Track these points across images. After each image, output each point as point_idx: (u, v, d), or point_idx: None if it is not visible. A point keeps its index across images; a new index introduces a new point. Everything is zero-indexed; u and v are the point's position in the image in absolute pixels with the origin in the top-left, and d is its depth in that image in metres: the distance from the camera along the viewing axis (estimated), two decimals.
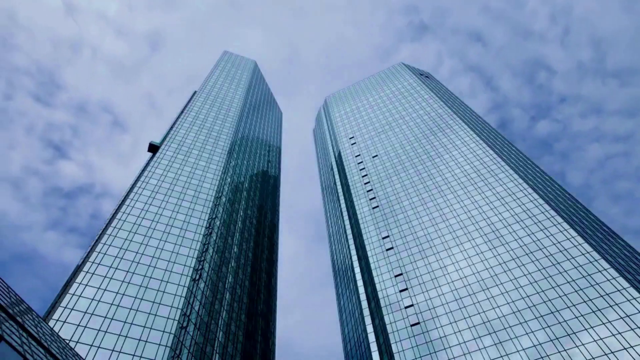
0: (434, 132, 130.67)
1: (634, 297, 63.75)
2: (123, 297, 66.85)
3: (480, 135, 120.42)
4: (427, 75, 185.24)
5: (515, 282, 75.28)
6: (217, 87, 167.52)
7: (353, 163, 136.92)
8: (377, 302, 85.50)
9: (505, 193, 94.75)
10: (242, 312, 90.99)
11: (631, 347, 58.11)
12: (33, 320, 32.95)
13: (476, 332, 70.85)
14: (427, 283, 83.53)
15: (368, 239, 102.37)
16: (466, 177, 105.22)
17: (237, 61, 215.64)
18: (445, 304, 77.77)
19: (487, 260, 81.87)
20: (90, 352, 56.63)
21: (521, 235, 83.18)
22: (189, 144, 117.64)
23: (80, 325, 59.61)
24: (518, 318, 69.53)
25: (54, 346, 32.84)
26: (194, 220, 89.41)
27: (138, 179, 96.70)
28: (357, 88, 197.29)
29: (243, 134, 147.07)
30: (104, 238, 76.35)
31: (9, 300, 30.79)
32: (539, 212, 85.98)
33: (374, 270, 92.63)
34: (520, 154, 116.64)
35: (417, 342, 73.73)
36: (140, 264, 74.09)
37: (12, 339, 24.18)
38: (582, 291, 68.38)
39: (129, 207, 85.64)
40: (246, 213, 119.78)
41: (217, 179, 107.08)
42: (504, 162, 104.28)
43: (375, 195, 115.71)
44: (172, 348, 62.00)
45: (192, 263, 78.56)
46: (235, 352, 79.73)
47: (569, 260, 74.05)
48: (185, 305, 69.95)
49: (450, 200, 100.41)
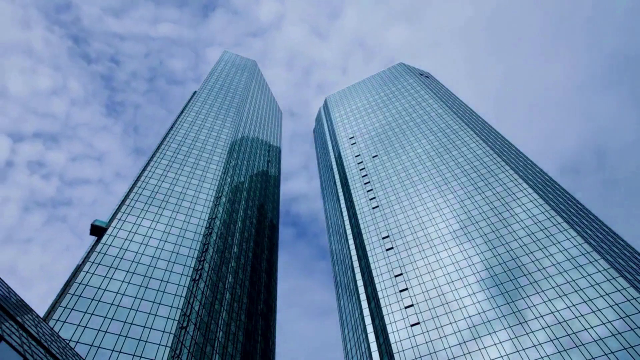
0: (434, 132, 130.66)
1: (634, 297, 63.76)
2: (123, 297, 66.86)
3: (480, 136, 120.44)
4: (427, 75, 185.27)
5: (515, 282, 75.29)
6: (217, 87, 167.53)
7: (353, 163, 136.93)
8: (377, 302, 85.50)
9: (505, 193, 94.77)
10: (242, 312, 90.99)
11: (631, 347, 58.15)
12: (33, 320, 32.95)
13: (476, 332, 70.86)
14: (427, 283, 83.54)
15: (368, 239, 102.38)
16: (466, 177, 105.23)
17: (237, 61, 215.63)
18: (445, 304, 77.77)
19: (487, 260, 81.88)
20: (90, 352, 56.64)
21: (521, 235, 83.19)
22: (189, 144, 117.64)
23: (80, 325, 59.62)
24: (518, 318, 69.56)
25: (54, 346, 32.84)
26: (194, 220, 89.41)
27: (138, 179, 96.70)
28: (357, 88, 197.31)
29: (243, 134, 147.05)
30: (104, 238, 76.34)
31: (9, 300, 30.80)
32: (539, 212, 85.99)
33: (374, 270, 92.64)
34: (520, 154, 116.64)
35: (417, 342, 73.74)
36: (140, 264, 74.10)
37: (12, 339, 24.18)
38: (582, 291, 68.40)
39: (129, 207, 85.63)
40: (246, 213, 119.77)
41: (217, 179, 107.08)
42: (504, 162, 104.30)
43: (375, 195, 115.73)
44: (172, 348, 62.01)
45: (192, 263, 78.55)
46: (235, 352, 79.73)
47: (569, 260, 74.07)
48: (185, 305, 69.95)
49: (450, 200, 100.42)
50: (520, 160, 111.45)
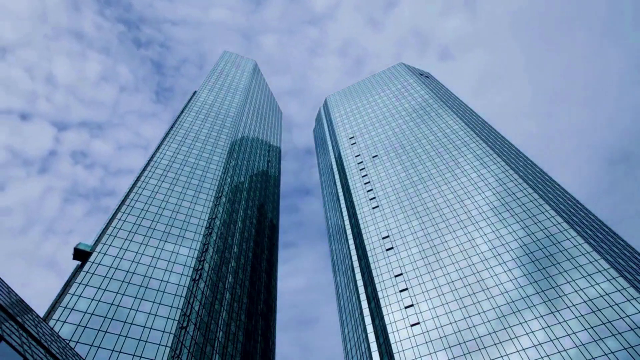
0: (434, 132, 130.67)
1: (634, 297, 63.76)
2: (123, 297, 66.85)
3: (480, 136, 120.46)
4: (427, 75, 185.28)
5: (515, 282, 75.31)
6: (217, 87, 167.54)
7: (353, 163, 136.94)
8: (377, 302, 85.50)
9: (505, 193, 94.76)
10: (242, 312, 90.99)
11: (631, 347, 58.16)
12: (33, 320, 32.94)
13: (476, 332, 70.87)
14: (427, 283, 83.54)
15: (368, 239, 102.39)
16: (466, 177, 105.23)
17: (237, 61, 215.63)
18: (446, 304, 77.78)
19: (487, 260, 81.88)
20: (90, 352, 56.64)
21: (521, 235, 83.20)
22: (189, 144, 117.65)
23: (80, 325, 59.61)
24: (518, 318, 69.58)
25: (54, 346, 32.83)
26: (194, 220, 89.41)
27: (138, 179, 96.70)
28: (357, 88, 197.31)
29: (243, 134, 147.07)
30: (104, 238, 76.36)
31: (9, 300, 30.79)
32: (539, 212, 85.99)
33: (374, 270, 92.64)
34: (520, 154, 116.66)
35: (417, 342, 73.74)
36: (140, 264, 74.09)
37: (12, 339, 24.18)
38: (582, 291, 68.41)
39: (129, 207, 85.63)
40: (246, 213, 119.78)
41: (217, 179, 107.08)
42: (504, 162, 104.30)
43: (375, 195, 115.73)
44: (172, 348, 62.00)
45: (192, 263, 78.56)
46: (235, 352, 79.73)
47: (569, 260, 74.08)
48: (185, 305, 69.95)
49: (450, 200, 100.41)
50: (521, 160, 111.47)
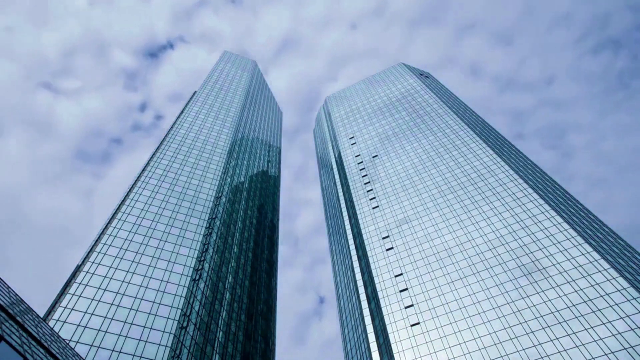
0: (434, 132, 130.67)
1: (634, 297, 63.75)
2: (123, 297, 66.85)
3: (480, 136, 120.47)
4: (427, 75, 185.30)
5: (515, 282, 75.28)
6: (217, 87, 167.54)
7: (353, 163, 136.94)
8: (377, 302, 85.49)
9: (505, 193, 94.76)
10: (242, 312, 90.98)
11: (631, 347, 58.14)
12: (33, 320, 32.94)
13: (476, 332, 70.84)
14: (427, 283, 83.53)
15: (368, 239, 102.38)
16: (466, 177, 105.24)
17: (237, 61, 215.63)
18: (446, 304, 77.76)
19: (487, 260, 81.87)
20: (90, 352, 56.63)
21: (521, 235, 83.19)
22: (189, 144, 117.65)
23: (80, 325, 59.61)
24: (518, 318, 69.54)
25: (54, 346, 32.83)
26: (194, 220, 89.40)
27: (138, 179, 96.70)
28: (357, 88, 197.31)
29: (243, 134, 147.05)
30: (104, 238, 76.35)
31: (9, 300, 30.78)
32: (539, 212, 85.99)
33: (374, 270, 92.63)
34: (520, 154, 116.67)
35: (417, 342, 73.72)
36: (140, 264, 74.10)
37: (12, 339, 24.17)
38: (582, 291, 68.39)
39: (129, 207, 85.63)
40: (246, 213, 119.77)
41: (217, 179, 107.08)
42: (504, 162, 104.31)
43: (375, 195, 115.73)
44: (172, 348, 62.00)
45: (192, 263, 78.56)
46: (235, 352, 79.72)
47: (569, 260, 74.08)
48: (185, 305, 69.95)
49: (450, 200, 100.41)
50: (521, 160, 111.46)
